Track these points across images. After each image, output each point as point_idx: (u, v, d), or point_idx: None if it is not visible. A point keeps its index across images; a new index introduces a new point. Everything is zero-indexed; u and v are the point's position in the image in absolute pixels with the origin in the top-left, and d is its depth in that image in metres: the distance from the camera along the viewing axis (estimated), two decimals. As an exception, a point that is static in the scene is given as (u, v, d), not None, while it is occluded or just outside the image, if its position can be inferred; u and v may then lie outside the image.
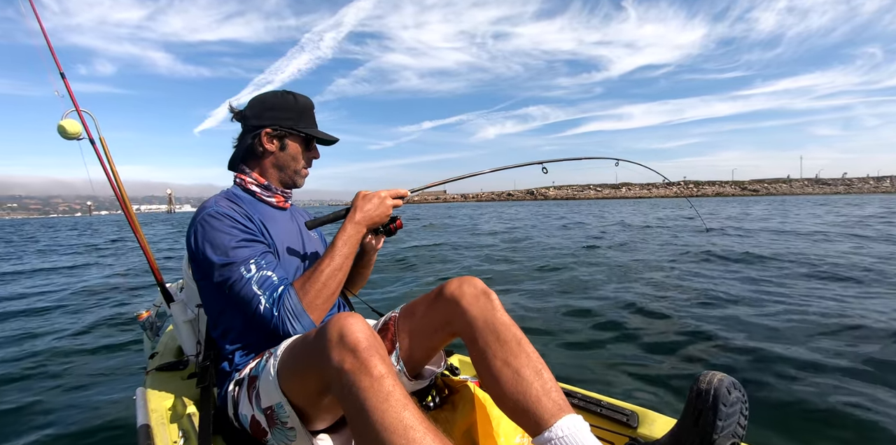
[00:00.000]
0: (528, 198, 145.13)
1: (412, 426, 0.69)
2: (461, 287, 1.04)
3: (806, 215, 16.66)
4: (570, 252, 7.78)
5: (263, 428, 0.95)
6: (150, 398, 1.31)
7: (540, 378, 0.91)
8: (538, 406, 0.87)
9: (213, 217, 1.08)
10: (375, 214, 1.16)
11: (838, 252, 6.71)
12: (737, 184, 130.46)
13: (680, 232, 11.15)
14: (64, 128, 1.57)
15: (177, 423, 1.19)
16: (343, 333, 0.79)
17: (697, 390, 0.75)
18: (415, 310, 1.11)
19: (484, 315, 1.00)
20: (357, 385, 0.74)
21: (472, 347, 1.00)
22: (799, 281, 4.83)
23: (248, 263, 1.05)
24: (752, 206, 29.79)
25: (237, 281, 1.03)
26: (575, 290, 4.73)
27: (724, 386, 0.74)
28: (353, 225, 1.13)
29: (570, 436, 0.83)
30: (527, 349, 0.96)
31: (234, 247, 1.06)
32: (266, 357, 1.02)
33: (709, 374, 0.76)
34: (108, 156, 1.67)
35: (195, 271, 1.15)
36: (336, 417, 0.99)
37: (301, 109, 1.23)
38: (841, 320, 3.28)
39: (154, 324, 1.80)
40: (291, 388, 0.91)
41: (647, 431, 1.12)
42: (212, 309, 1.16)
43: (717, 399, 0.73)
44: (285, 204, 1.29)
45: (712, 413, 0.73)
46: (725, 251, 7.01)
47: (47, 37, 1.65)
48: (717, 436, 0.73)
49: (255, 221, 1.14)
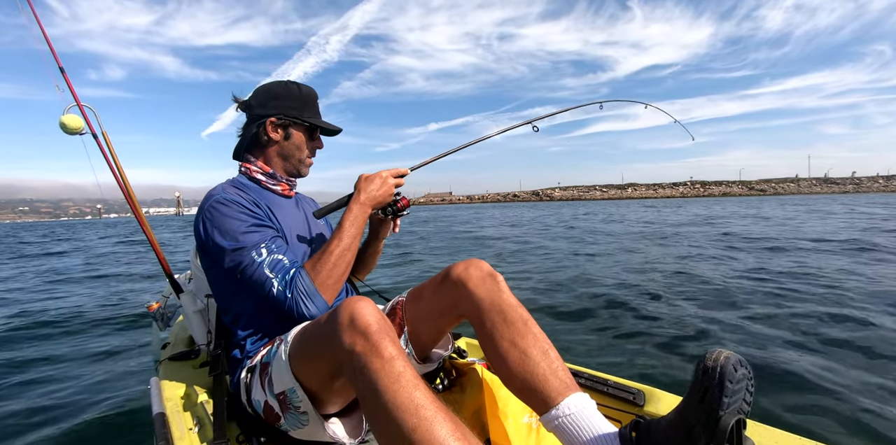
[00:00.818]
0: (533, 198, 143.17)
1: (423, 405, 0.70)
2: (467, 269, 1.05)
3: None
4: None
5: (276, 413, 0.97)
6: (164, 387, 1.33)
7: (547, 358, 0.92)
8: (545, 385, 0.89)
9: (221, 203, 1.09)
10: (378, 194, 1.17)
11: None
12: (744, 184, 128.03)
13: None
14: (65, 124, 1.57)
15: (191, 411, 1.21)
16: (354, 316, 0.79)
17: (704, 367, 0.75)
18: (422, 294, 1.12)
19: (490, 296, 1.01)
20: (368, 366, 0.74)
21: (479, 328, 1.01)
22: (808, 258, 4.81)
23: (259, 247, 1.06)
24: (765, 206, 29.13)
25: (249, 265, 1.04)
26: (591, 277, 4.75)
27: (730, 364, 0.74)
28: (359, 206, 1.14)
29: (576, 414, 0.85)
30: (533, 329, 0.97)
31: (244, 232, 1.07)
32: (277, 343, 1.03)
33: (715, 352, 0.76)
34: (112, 150, 1.68)
35: (204, 259, 1.15)
36: (347, 400, 1.01)
37: (305, 99, 1.23)
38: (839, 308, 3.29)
39: (164, 315, 1.82)
40: (303, 372, 0.92)
41: (653, 409, 1.14)
42: (222, 297, 1.17)
43: (724, 377, 0.73)
44: (290, 192, 1.30)
45: (718, 390, 0.73)
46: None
47: (44, 29, 1.64)
48: (723, 413, 0.73)
49: (262, 207, 1.15)
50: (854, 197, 52.90)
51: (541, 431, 1.13)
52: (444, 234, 12.75)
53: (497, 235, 11.58)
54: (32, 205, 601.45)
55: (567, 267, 5.65)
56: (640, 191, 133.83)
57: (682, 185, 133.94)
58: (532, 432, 1.12)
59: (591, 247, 7.76)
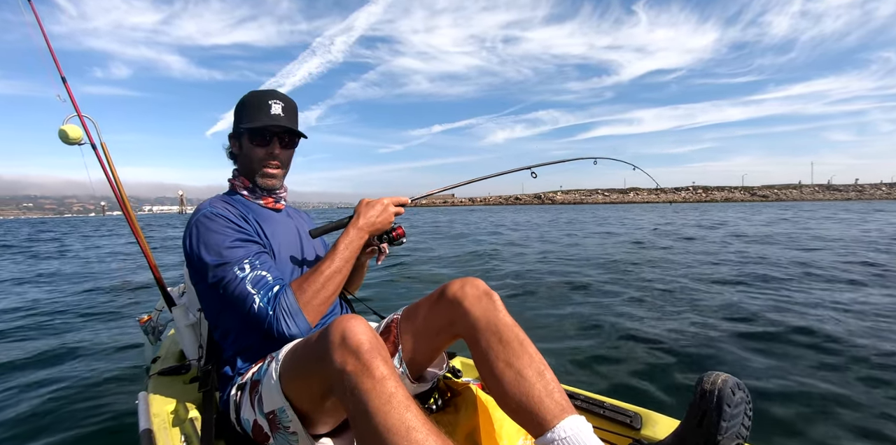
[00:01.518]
0: (535, 202, 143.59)
1: (415, 427, 0.69)
2: (463, 288, 1.04)
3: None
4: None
5: (266, 433, 0.95)
6: (152, 402, 1.30)
7: (542, 379, 0.91)
8: (541, 406, 0.87)
9: (208, 218, 1.09)
10: (378, 220, 1.16)
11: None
12: (746, 190, 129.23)
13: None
14: (66, 133, 1.58)
15: (179, 427, 1.19)
16: (345, 335, 0.79)
17: (701, 391, 0.75)
18: (417, 312, 1.11)
19: (486, 316, 1.00)
20: (359, 386, 0.73)
21: (475, 348, 1.00)
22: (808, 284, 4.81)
23: (242, 263, 1.05)
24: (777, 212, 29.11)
25: (231, 280, 1.03)
26: (583, 292, 4.72)
27: (728, 387, 0.73)
28: (356, 231, 1.14)
29: (572, 437, 0.83)
30: (529, 350, 0.96)
31: (228, 247, 1.06)
32: (268, 361, 1.02)
33: (713, 375, 0.76)
34: (110, 161, 1.68)
35: (192, 274, 1.15)
36: (338, 421, 0.99)
37: (246, 104, 1.18)
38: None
39: (156, 328, 1.80)
40: (294, 391, 0.91)
41: (650, 432, 1.12)
42: (210, 312, 1.17)
43: (722, 401, 0.73)
44: (276, 205, 1.29)
45: (716, 414, 0.73)
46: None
47: (49, 42, 1.66)
48: (722, 437, 0.73)
49: (250, 222, 1.15)
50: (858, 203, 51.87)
51: (536, 454, 1.11)
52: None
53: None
54: (37, 202, 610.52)
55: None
56: (641, 196, 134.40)
57: (685, 190, 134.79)
58: (527, 455, 1.10)
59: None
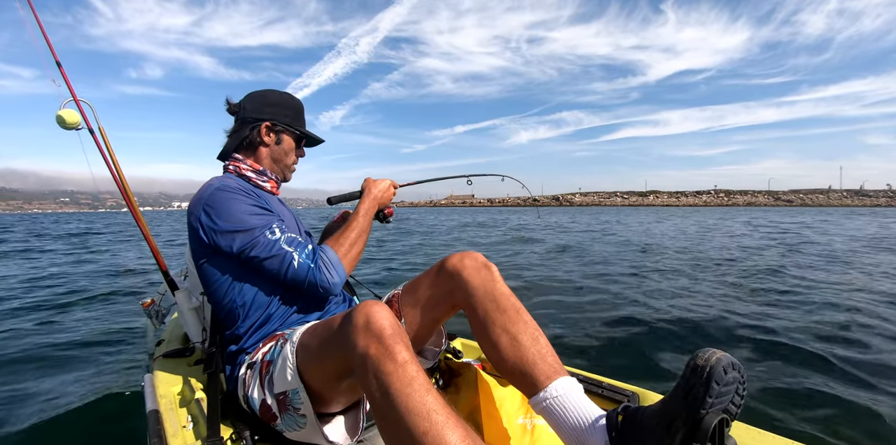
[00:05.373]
0: (553, 203, 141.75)
1: (435, 409, 0.72)
2: (462, 260, 1.08)
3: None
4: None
5: (273, 413, 0.97)
6: (157, 384, 1.32)
7: (536, 344, 0.96)
8: (534, 369, 0.92)
9: (223, 190, 1.11)
10: (383, 196, 1.35)
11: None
12: (770, 194, 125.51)
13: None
14: (62, 118, 1.56)
15: (185, 408, 1.21)
16: (369, 320, 0.80)
17: (693, 365, 0.75)
18: (417, 286, 1.15)
19: (484, 285, 1.04)
20: (381, 369, 0.76)
21: (473, 316, 1.04)
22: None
23: (272, 227, 1.09)
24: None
25: (264, 244, 1.06)
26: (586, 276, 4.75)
27: (720, 365, 0.73)
28: (371, 200, 1.31)
29: (563, 396, 0.88)
30: (524, 317, 1.00)
31: (254, 214, 1.10)
32: (281, 342, 1.03)
33: (709, 351, 0.75)
34: (108, 146, 1.66)
35: (199, 251, 1.13)
36: (350, 401, 1.01)
37: (297, 109, 1.32)
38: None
39: (159, 312, 1.81)
40: (309, 372, 0.92)
41: (646, 411, 1.14)
42: (218, 289, 1.13)
43: (711, 377, 0.72)
44: (277, 191, 1.34)
45: (703, 390, 0.73)
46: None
47: (42, 25, 1.63)
48: (706, 412, 0.73)
49: (260, 198, 1.18)
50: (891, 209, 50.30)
51: (535, 432, 1.14)
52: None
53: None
54: (73, 197, 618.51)
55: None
56: (661, 199, 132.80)
57: (706, 194, 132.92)
58: (527, 433, 1.13)
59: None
